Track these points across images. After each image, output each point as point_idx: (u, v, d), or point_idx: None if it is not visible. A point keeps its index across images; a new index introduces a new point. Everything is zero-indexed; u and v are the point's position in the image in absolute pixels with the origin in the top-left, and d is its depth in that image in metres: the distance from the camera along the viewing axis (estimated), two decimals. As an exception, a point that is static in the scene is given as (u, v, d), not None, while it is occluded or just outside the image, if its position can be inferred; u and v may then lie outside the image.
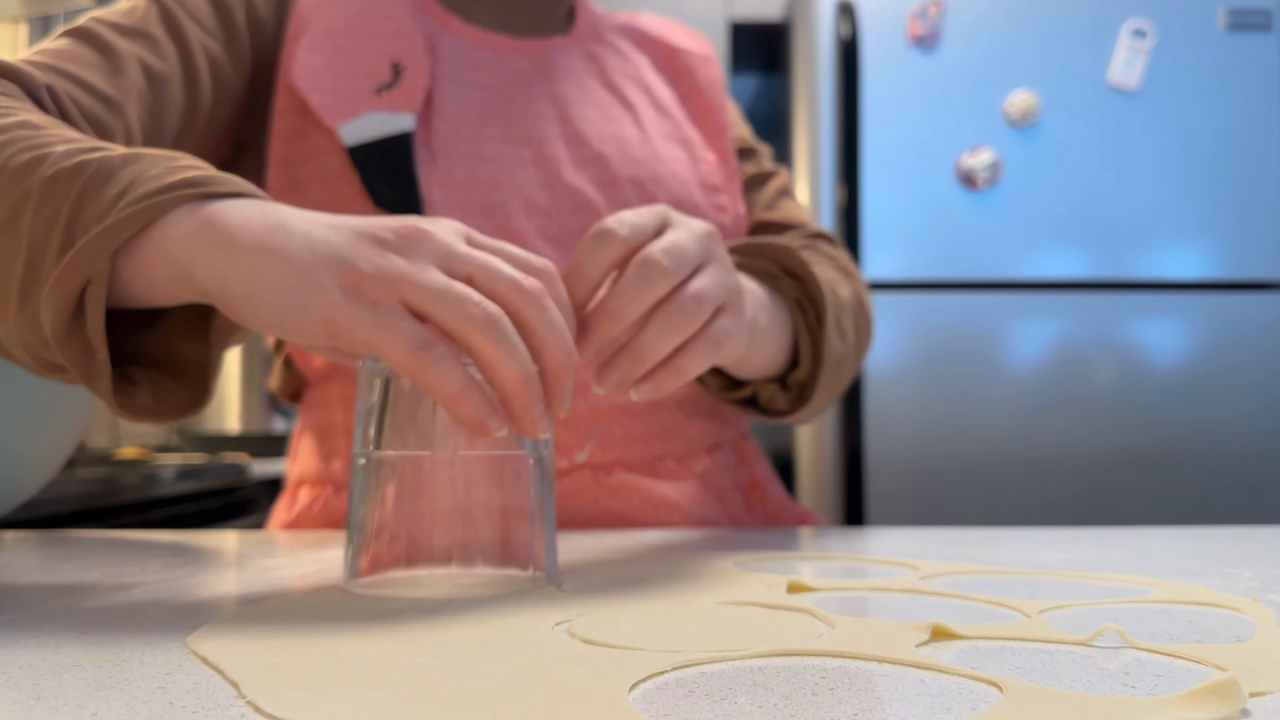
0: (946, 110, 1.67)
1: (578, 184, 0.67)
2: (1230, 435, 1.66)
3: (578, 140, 0.69)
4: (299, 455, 0.72)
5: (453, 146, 0.65)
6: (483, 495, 0.40)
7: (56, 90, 0.53)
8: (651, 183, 0.70)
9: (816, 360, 0.62)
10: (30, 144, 0.42)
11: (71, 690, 0.26)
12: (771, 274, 0.62)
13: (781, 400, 0.64)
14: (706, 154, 0.75)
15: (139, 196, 0.38)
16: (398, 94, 0.65)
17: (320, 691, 0.25)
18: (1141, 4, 1.69)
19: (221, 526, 1.38)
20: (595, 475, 0.65)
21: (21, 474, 0.60)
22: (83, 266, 0.37)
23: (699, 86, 0.79)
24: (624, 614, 0.35)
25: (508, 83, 0.70)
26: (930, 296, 1.66)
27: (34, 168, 0.40)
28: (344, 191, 0.64)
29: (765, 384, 0.64)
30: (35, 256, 0.39)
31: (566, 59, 0.74)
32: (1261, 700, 0.24)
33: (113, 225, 0.37)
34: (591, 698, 0.24)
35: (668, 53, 0.80)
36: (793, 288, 0.62)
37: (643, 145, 0.71)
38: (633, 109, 0.73)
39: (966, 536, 0.61)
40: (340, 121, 0.64)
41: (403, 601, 0.37)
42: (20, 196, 0.40)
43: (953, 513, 1.63)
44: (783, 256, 0.62)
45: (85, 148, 0.41)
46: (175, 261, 0.38)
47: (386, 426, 0.40)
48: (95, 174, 0.39)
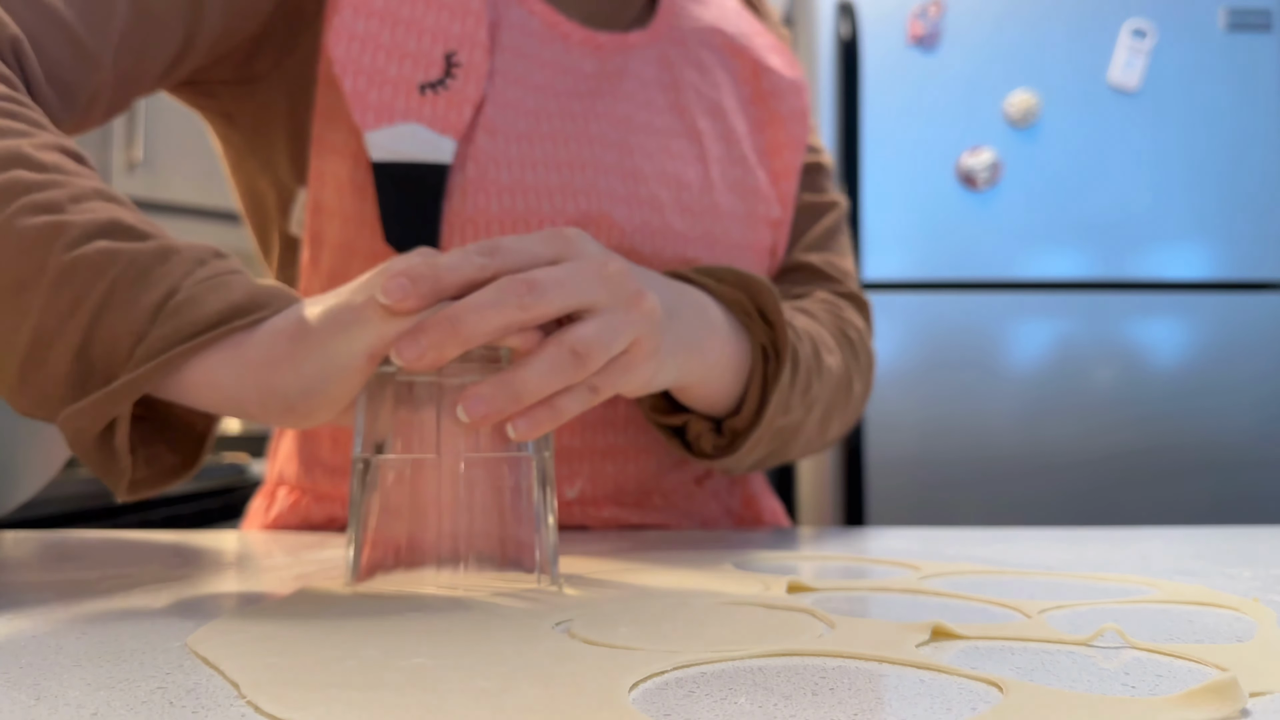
0: (946, 110, 1.67)
1: (621, 232, 0.61)
2: (1230, 435, 1.66)
3: (633, 176, 0.62)
4: (279, 454, 0.69)
5: (491, 174, 0.58)
6: (483, 497, 0.40)
7: (21, 46, 0.48)
8: (701, 241, 0.64)
9: (758, 414, 0.57)
10: (38, 201, 0.40)
11: (71, 690, 0.26)
12: (745, 310, 0.56)
13: (707, 442, 0.59)
14: (770, 208, 0.69)
15: (179, 329, 0.39)
16: (442, 101, 0.57)
17: (320, 691, 0.25)
18: (1141, 4, 1.69)
19: (221, 526, 1.38)
20: (584, 510, 0.63)
21: (21, 474, 0.60)
22: (114, 405, 0.38)
23: (779, 116, 0.72)
24: (624, 614, 0.35)
25: (569, 92, 0.63)
26: (930, 296, 1.66)
27: (50, 239, 0.39)
28: (359, 210, 0.58)
29: (697, 420, 0.59)
30: (44, 339, 0.39)
31: (638, 64, 0.66)
32: (1261, 700, 0.24)
33: (151, 369, 0.38)
34: (591, 698, 0.24)
35: (753, 70, 0.72)
36: (762, 332, 0.56)
37: (702, 194, 0.65)
38: (700, 141, 0.67)
39: (966, 536, 0.61)
40: (371, 124, 0.56)
41: (403, 601, 0.37)
42: (33, 269, 0.39)
43: (953, 513, 1.63)
44: (759, 296, 0.56)
45: (106, 222, 0.40)
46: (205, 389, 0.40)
47: (388, 429, 0.40)
48: (125, 272, 0.39)
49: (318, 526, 0.66)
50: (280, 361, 0.39)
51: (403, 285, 0.38)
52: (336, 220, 0.59)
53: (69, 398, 0.39)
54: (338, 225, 0.59)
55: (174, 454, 0.44)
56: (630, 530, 0.65)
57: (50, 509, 1.04)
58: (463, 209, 0.57)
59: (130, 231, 0.40)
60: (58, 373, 0.39)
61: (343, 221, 0.59)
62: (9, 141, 0.42)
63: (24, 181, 0.40)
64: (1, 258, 0.39)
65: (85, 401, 0.38)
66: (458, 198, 0.57)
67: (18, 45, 0.48)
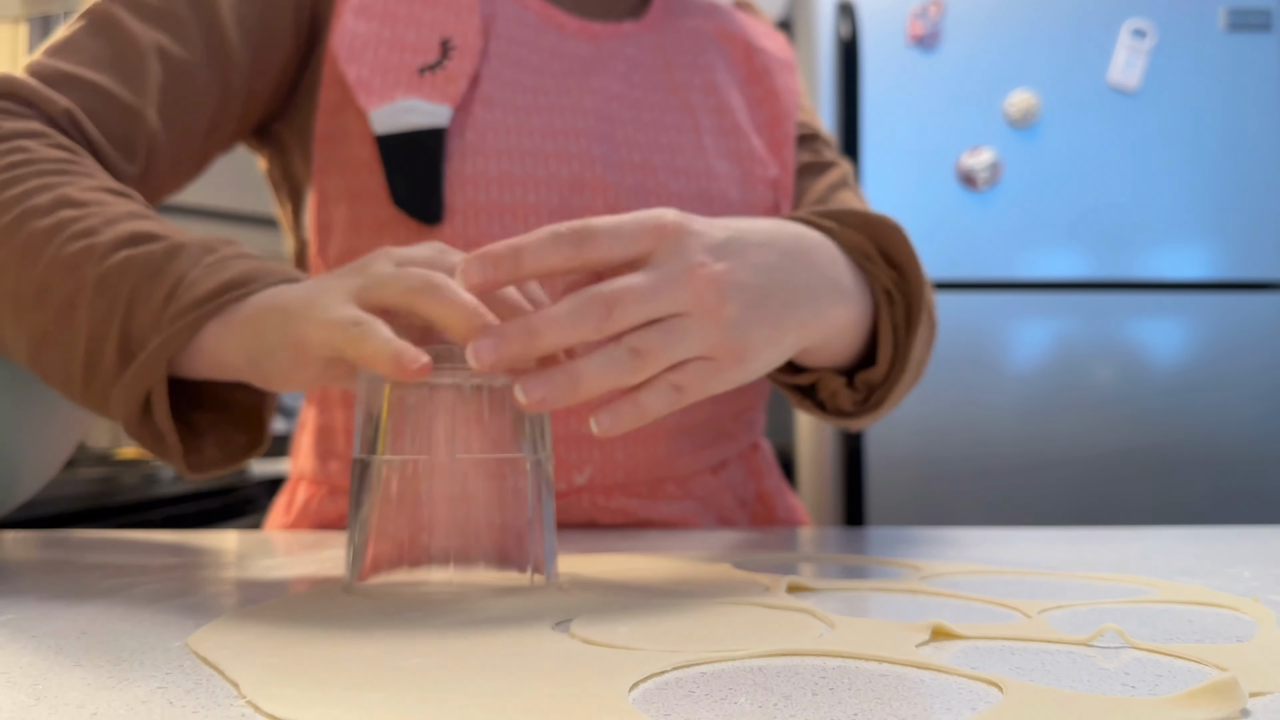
0: (946, 110, 1.67)
1: (615, 192, 0.63)
2: (1230, 435, 1.66)
3: (626, 144, 0.65)
4: (300, 451, 0.71)
5: (489, 139, 0.61)
6: (481, 498, 0.40)
7: (76, 116, 0.54)
8: (696, 200, 0.65)
9: (897, 362, 0.55)
10: (76, 230, 0.46)
11: (71, 690, 0.26)
12: (866, 254, 0.54)
13: (846, 399, 0.57)
14: (766, 168, 0.70)
15: (183, 309, 0.44)
16: (439, 78, 0.61)
17: (320, 691, 0.25)
18: (1141, 4, 1.69)
19: (221, 526, 1.38)
20: (593, 498, 0.63)
21: (21, 474, 0.60)
22: (142, 381, 0.44)
23: (774, 91, 0.74)
24: (624, 614, 0.35)
25: (564, 70, 0.65)
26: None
27: (83, 261, 0.45)
28: (366, 185, 0.61)
29: (830, 376, 0.56)
30: (95, 349, 0.45)
31: (632, 49, 0.69)
32: (1261, 700, 0.24)
33: (161, 344, 0.43)
34: (591, 698, 0.24)
35: (746, 50, 0.74)
36: (886, 275, 0.54)
37: (695, 158, 0.67)
38: (693, 114, 0.69)
39: (966, 536, 0.61)
40: (374, 104, 0.60)
41: (403, 601, 0.37)
42: (75, 289, 0.45)
43: (953, 513, 1.63)
44: (884, 235, 0.54)
45: (128, 235, 0.46)
46: (217, 357, 0.44)
47: (386, 430, 0.40)
48: (141, 273, 0.44)
49: (336, 520, 0.67)
50: (254, 323, 0.43)
51: (483, 267, 0.39)
52: (344, 203, 0.62)
53: None
54: (345, 206, 0.62)
55: (242, 434, 0.50)
56: (636, 530, 0.65)
57: (50, 509, 1.04)
58: (462, 170, 0.60)
59: (148, 238, 0.46)
60: (109, 369, 0.44)
61: (350, 200, 0.61)
62: (59, 191, 0.48)
63: (68, 219, 0.47)
64: (54, 283, 0.45)
65: (121, 381, 0.44)
66: (458, 160, 0.60)
67: (72, 116, 0.54)
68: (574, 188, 0.62)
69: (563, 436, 0.62)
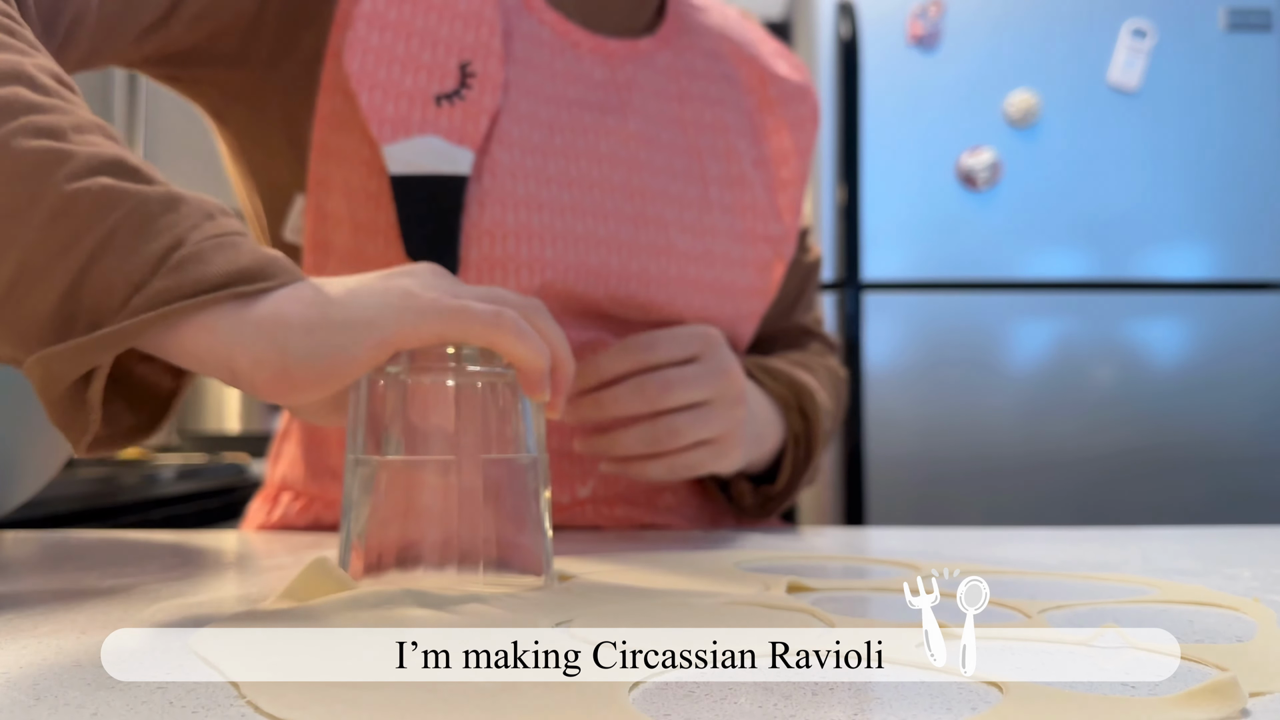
0: (946, 110, 1.67)
1: (628, 251, 0.62)
2: (1230, 435, 1.66)
3: (640, 194, 0.64)
4: (282, 458, 0.68)
5: (507, 186, 0.58)
6: (480, 498, 0.40)
7: None
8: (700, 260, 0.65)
9: (790, 486, 0.69)
10: (37, 124, 0.37)
11: (71, 690, 0.26)
12: (787, 404, 0.68)
13: (749, 498, 0.69)
14: (767, 225, 0.70)
15: (184, 286, 0.35)
16: (459, 112, 0.57)
17: (320, 691, 0.25)
18: (1141, 4, 1.69)
19: (221, 526, 1.38)
20: (596, 508, 0.65)
21: (21, 474, 0.60)
22: (96, 355, 0.35)
23: (785, 123, 0.73)
24: (624, 614, 0.35)
25: (580, 102, 0.63)
26: (930, 296, 1.66)
27: (50, 167, 0.36)
28: (375, 219, 0.57)
29: (741, 480, 0.69)
30: (29, 274, 0.35)
31: (647, 74, 0.67)
32: (1261, 700, 0.24)
33: (149, 320, 0.35)
34: (591, 698, 0.24)
35: (760, 78, 0.73)
36: (798, 423, 0.68)
37: (701, 213, 0.66)
38: (699, 159, 0.67)
39: (966, 536, 0.61)
40: (388, 137, 0.56)
41: (402, 602, 0.37)
42: (27, 197, 0.35)
43: (953, 513, 1.63)
44: (802, 398, 0.68)
45: (111, 159, 0.37)
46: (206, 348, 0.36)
47: (383, 430, 0.40)
48: (130, 215, 0.36)
49: (328, 531, 0.65)
50: (293, 320, 0.37)
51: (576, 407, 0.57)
52: (346, 228, 0.59)
53: (47, 340, 0.35)
54: (347, 233, 0.59)
55: (133, 415, 0.40)
56: (637, 530, 0.65)
57: (50, 509, 1.04)
58: (480, 220, 0.57)
59: (135, 173, 0.37)
60: (39, 312, 0.35)
61: (353, 229, 0.58)
62: (9, 56, 0.39)
63: (25, 100, 0.37)
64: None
65: (65, 345, 0.35)
66: (475, 209, 0.57)
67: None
68: (590, 244, 0.61)
69: (566, 453, 0.62)
